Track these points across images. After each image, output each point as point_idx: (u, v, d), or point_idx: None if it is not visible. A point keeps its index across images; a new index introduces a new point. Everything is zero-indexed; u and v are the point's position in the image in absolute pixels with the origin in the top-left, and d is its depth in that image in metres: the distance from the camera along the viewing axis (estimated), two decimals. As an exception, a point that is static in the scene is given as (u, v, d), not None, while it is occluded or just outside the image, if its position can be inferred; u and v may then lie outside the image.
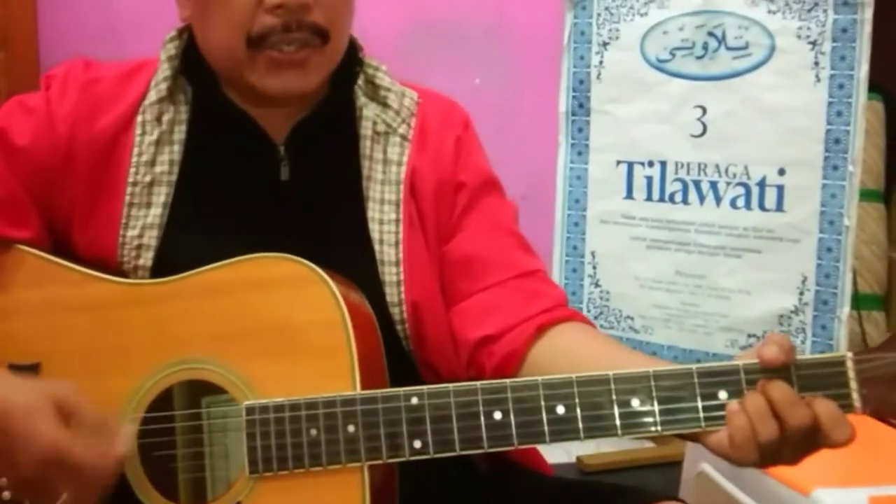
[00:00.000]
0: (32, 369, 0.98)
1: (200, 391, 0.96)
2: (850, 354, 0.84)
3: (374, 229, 1.07)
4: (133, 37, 2.49)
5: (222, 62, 1.05)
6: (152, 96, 1.06)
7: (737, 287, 2.14)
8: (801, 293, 2.06)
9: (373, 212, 1.08)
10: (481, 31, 2.73)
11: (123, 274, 1.04)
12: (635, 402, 0.86)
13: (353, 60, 1.11)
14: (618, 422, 0.87)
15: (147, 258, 1.04)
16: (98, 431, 0.89)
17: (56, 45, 2.52)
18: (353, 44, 1.12)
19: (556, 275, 2.31)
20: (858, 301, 2.41)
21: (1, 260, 1.03)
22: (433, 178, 1.10)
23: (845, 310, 2.03)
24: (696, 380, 0.86)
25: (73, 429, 0.87)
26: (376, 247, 1.07)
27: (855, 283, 2.15)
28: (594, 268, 2.29)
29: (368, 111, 1.11)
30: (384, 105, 1.11)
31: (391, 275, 1.06)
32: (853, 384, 0.83)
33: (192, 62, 1.08)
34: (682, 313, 2.20)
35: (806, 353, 2.04)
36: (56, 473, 0.87)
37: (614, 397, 0.87)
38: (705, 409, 0.85)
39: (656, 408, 0.86)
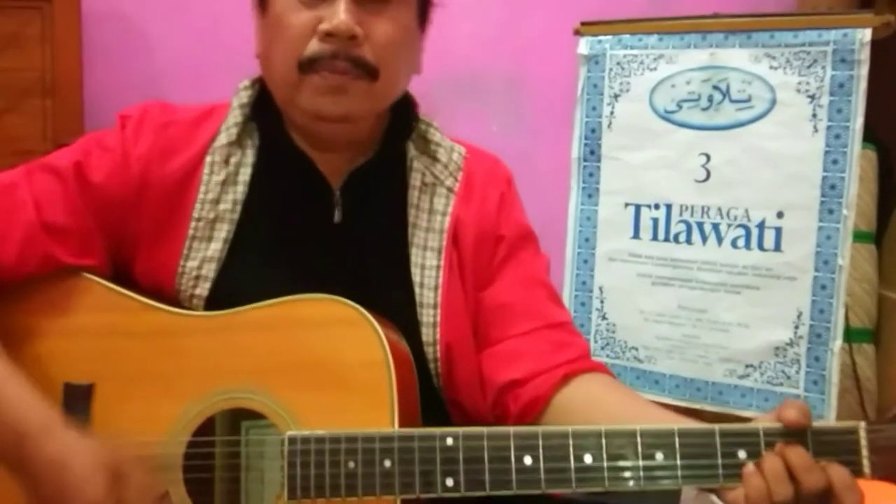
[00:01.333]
0: (87, 389, 0.98)
1: (244, 420, 0.95)
2: (863, 424, 0.84)
3: (416, 273, 1.07)
4: (172, 86, 2.50)
5: (280, 88, 1.05)
6: (222, 139, 1.06)
7: (736, 321, 2.12)
8: (797, 327, 2.04)
9: (416, 257, 1.07)
10: (501, 83, 2.73)
11: (179, 302, 1.04)
12: (659, 456, 0.86)
13: (409, 116, 1.12)
14: (641, 473, 0.86)
15: (204, 288, 1.03)
16: (143, 495, 0.89)
17: (100, 93, 2.52)
18: (411, 101, 1.13)
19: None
20: (850, 334, 2.38)
21: (66, 285, 1.03)
22: (475, 229, 1.09)
23: (837, 342, 2.01)
24: (717, 439, 0.85)
25: (121, 491, 0.87)
26: (416, 289, 1.06)
27: (847, 318, 2.12)
28: (602, 302, 2.27)
29: (419, 163, 1.11)
30: (434, 158, 1.11)
31: (428, 316, 1.05)
32: (864, 451, 0.83)
33: (262, 109, 1.08)
34: (684, 345, 2.18)
35: (800, 382, 2.03)
36: None
37: (640, 450, 0.86)
38: (724, 466, 0.85)
39: (678, 462, 0.86)
